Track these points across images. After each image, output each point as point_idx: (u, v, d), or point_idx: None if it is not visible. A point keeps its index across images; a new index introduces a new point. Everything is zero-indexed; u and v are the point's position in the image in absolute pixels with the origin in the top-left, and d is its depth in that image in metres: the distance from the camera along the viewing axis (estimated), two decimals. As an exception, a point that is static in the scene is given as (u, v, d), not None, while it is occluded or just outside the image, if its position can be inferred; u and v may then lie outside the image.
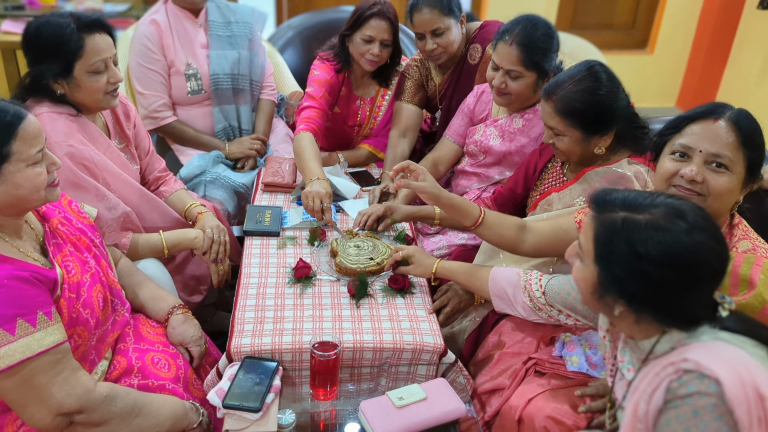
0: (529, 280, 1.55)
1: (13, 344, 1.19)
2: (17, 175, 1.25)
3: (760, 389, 0.96)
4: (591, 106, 1.60)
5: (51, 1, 3.47)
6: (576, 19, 4.41)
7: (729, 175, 1.31)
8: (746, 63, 4.21)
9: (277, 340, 1.53)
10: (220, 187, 2.28)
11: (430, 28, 2.17)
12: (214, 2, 2.44)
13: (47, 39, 1.61)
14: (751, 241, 1.36)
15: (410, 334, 1.58)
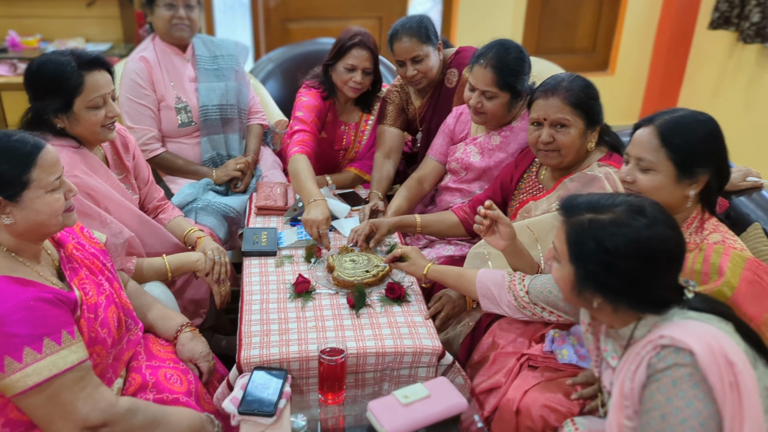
0: (513, 281, 1.66)
1: (41, 362, 1.26)
2: (36, 201, 1.32)
3: (729, 356, 1.08)
4: (591, 99, 1.78)
5: (33, 42, 3.54)
6: (540, 44, 4.63)
7: (654, 174, 1.47)
8: (701, 80, 4.45)
9: (284, 350, 1.61)
10: (210, 214, 2.36)
11: (410, 56, 2.30)
12: (199, 38, 2.55)
13: (49, 76, 1.70)
14: (720, 234, 1.50)
15: (410, 339, 1.67)
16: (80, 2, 3.69)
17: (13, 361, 1.24)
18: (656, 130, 1.47)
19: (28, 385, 1.25)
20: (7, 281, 1.29)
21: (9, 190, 1.30)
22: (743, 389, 1.07)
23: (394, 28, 2.34)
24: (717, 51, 4.26)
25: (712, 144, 1.47)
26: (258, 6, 4.13)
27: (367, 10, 4.32)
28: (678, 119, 1.48)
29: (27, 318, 1.25)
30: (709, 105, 4.36)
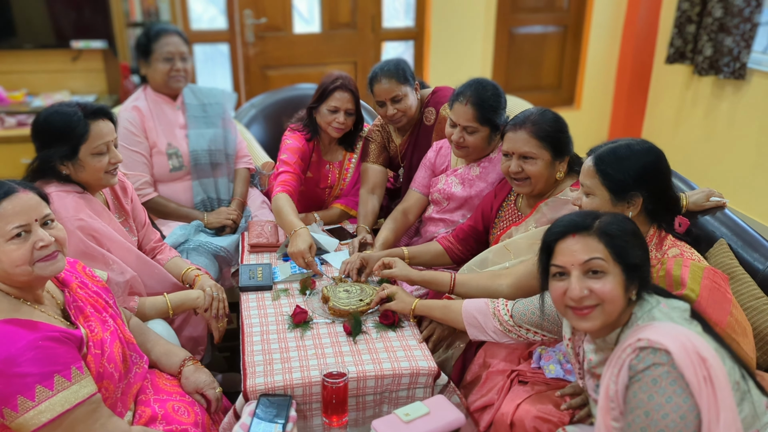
0: (497, 307, 1.77)
1: (53, 398, 1.31)
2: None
3: (701, 353, 1.20)
4: (557, 131, 1.93)
5: (19, 97, 3.63)
6: (509, 82, 4.85)
7: (593, 197, 1.65)
8: (662, 111, 4.70)
9: (288, 377, 1.68)
10: (202, 254, 2.43)
11: (389, 96, 2.45)
12: (188, 87, 2.67)
13: (57, 125, 1.80)
14: (678, 248, 1.63)
15: (406, 361, 1.76)
16: (65, 56, 3.80)
17: (26, 399, 1.29)
18: (594, 159, 1.64)
19: (42, 422, 1.30)
20: (14, 324, 1.35)
21: None
22: (716, 382, 1.18)
23: (374, 72, 2.48)
24: (675, 83, 4.51)
25: (643, 171, 1.60)
26: (237, 55, 4.28)
27: (343, 55, 4.50)
28: (613, 149, 1.63)
29: (36, 357, 1.31)
30: (671, 134, 4.59)
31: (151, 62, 2.53)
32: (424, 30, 4.62)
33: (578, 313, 1.34)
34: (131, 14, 3.69)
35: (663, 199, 1.65)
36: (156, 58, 2.52)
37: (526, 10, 4.75)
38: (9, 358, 1.28)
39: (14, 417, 1.30)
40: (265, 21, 4.25)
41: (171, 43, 2.52)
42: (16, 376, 1.28)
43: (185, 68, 2.56)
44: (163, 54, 2.51)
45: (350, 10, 4.42)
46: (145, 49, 2.53)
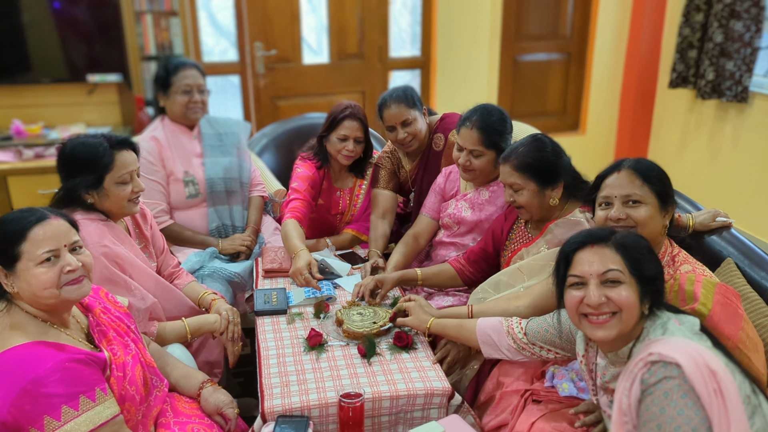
0: (511, 325, 1.81)
1: (78, 419, 1.35)
2: (26, 273, 1.41)
3: (711, 366, 1.23)
4: (540, 161, 1.97)
5: (36, 129, 3.72)
6: (514, 108, 4.93)
7: (644, 206, 1.67)
8: (666, 135, 4.75)
9: (305, 398, 1.71)
10: (216, 280, 2.47)
11: (399, 120, 2.51)
12: (205, 118, 2.75)
13: (83, 156, 1.87)
14: (690, 264, 1.67)
15: (420, 381, 1.79)
16: (81, 90, 3.91)
17: (52, 420, 1.33)
18: (632, 171, 1.67)
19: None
20: (42, 346, 1.40)
21: (4, 260, 1.41)
22: (726, 395, 1.21)
23: (383, 98, 2.56)
24: (678, 107, 4.57)
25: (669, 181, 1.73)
26: (248, 86, 4.38)
27: (351, 85, 4.60)
28: (640, 161, 1.72)
29: (63, 378, 1.35)
30: (677, 157, 4.64)
31: (170, 94, 2.61)
32: (430, 59, 4.72)
33: (594, 322, 1.38)
34: (145, 48, 3.80)
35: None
36: (174, 91, 2.60)
37: (530, 38, 4.84)
38: (37, 378, 1.33)
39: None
40: (275, 53, 4.36)
41: (189, 76, 2.60)
42: (43, 396, 1.32)
43: (202, 100, 2.64)
44: (182, 87, 2.59)
45: (358, 41, 4.52)
46: (164, 82, 2.61)
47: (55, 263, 1.43)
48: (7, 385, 1.32)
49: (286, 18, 4.31)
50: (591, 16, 4.86)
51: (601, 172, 1.79)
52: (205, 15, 4.26)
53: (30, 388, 1.32)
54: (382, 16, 4.50)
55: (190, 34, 3.87)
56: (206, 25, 4.30)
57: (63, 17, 3.72)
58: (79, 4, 3.72)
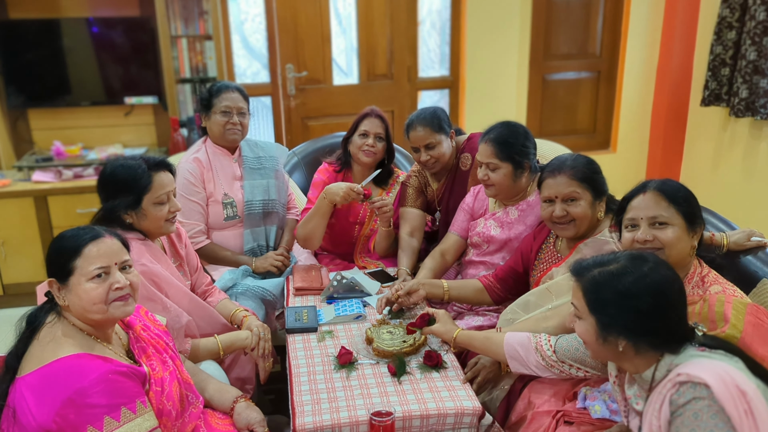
0: (540, 342, 1.80)
1: (119, 429, 1.39)
2: (78, 288, 1.47)
3: (740, 386, 1.22)
4: (595, 173, 2.00)
5: (76, 150, 3.83)
6: (543, 127, 4.92)
7: (671, 227, 1.66)
8: (699, 154, 4.68)
9: (336, 416, 1.73)
10: (250, 298, 2.51)
11: (423, 143, 2.55)
12: (245, 141, 2.81)
13: (123, 177, 1.93)
14: (720, 285, 1.65)
15: (451, 401, 1.79)
16: (118, 112, 4.02)
17: (95, 430, 1.37)
18: (658, 192, 1.67)
19: None
20: (88, 357, 1.44)
21: (59, 273, 1.48)
22: (757, 415, 1.19)
23: (410, 119, 2.61)
24: (712, 125, 4.51)
25: (696, 201, 1.71)
26: (279, 107, 4.46)
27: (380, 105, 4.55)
28: (666, 182, 1.71)
29: (106, 389, 1.40)
30: (710, 176, 4.57)
31: (211, 115, 2.66)
32: (458, 79, 4.75)
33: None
34: (181, 71, 3.90)
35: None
36: (215, 112, 2.65)
37: (558, 57, 4.84)
38: (81, 389, 1.37)
39: None
40: (306, 74, 4.43)
41: (230, 98, 2.65)
42: (87, 406, 1.36)
43: (242, 122, 2.67)
44: (222, 108, 2.64)
45: (387, 62, 4.58)
46: (206, 103, 2.67)
47: (105, 280, 1.49)
48: (54, 394, 1.36)
49: (317, 40, 4.39)
50: (621, 34, 4.85)
51: (627, 193, 1.78)
52: (238, 38, 4.36)
53: (75, 397, 1.36)
54: (411, 37, 4.55)
55: (224, 57, 3.96)
56: (239, 48, 4.39)
57: (101, 42, 3.85)
58: (116, 28, 3.84)
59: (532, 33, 4.66)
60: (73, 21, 3.82)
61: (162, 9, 3.71)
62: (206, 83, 3.95)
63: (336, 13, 4.45)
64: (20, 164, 3.76)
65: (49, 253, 1.52)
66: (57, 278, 1.49)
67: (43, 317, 1.50)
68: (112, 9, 3.88)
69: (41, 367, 1.41)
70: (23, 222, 3.63)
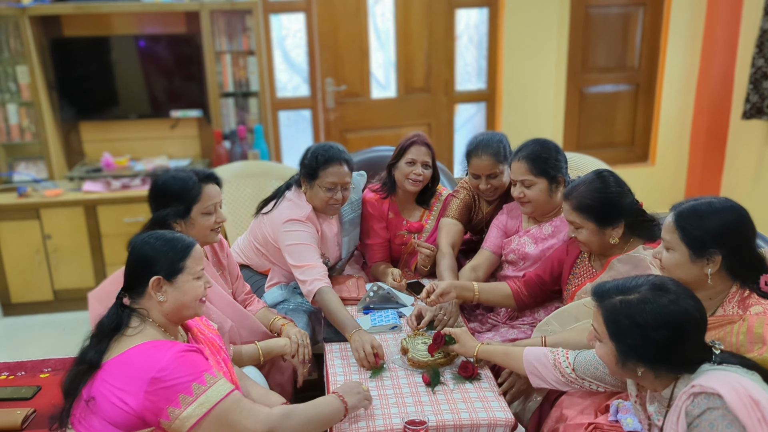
0: (558, 358, 1.82)
1: (201, 397, 1.50)
2: (186, 285, 1.63)
3: (753, 396, 1.24)
4: (600, 202, 1.99)
5: (124, 162, 3.99)
6: (581, 140, 4.91)
7: (672, 252, 1.67)
8: (740, 168, 4.62)
9: (371, 424, 1.78)
10: (300, 314, 2.53)
11: (486, 172, 2.53)
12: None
13: (175, 187, 2.05)
14: (762, 306, 1.64)
15: (484, 412, 1.82)
16: (164, 124, 4.17)
17: (186, 396, 1.50)
18: (675, 215, 1.68)
19: (191, 423, 1.49)
20: (159, 342, 1.57)
21: (169, 272, 1.61)
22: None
23: (475, 144, 2.55)
24: (753, 139, 4.45)
25: (723, 229, 1.63)
26: (319, 120, 4.56)
27: (417, 118, 4.71)
28: (695, 206, 1.67)
29: (182, 365, 1.51)
30: (751, 190, 4.50)
31: (314, 186, 2.50)
32: (495, 92, 4.78)
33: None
34: (224, 85, 4.03)
35: (745, 258, 1.66)
36: (319, 184, 2.48)
37: (596, 70, 4.84)
38: (162, 368, 1.49)
39: (169, 424, 1.50)
40: (345, 88, 4.52)
41: (337, 174, 2.47)
42: (170, 381, 1.49)
43: (344, 196, 2.55)
44: (327, 183, 2.47)
45: (424, 75, 4.64)
46: (311, 172, 2.49)
47: (201, 280, 1.68)
48: (139, 376, 1.49)
49: (356, 55, 4.48)
50: (660, 46, 4.82)
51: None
52: (279, 53, 4.49)
53: (158, 376, 1.48)
54: (449, 50, 4.61)
55: (266, 72, 4.08)
56: (280, 63, 4.52)
57: (148, 57, 4.01)
58: (163, 45, 4.00)
59: (570, 46, 4.67)
60: (123, 38, 3.99)
61: (207, 26, 3.85)
62: (249, 97, 4.07)
63: (375, 28, 4.54)
64: (72, 175, 3.93)
65: (155, 254, 1.63)
66: (165, 276, 1.61)
67: (126, 320, 1.61)
68: (159, 26, 4.04)
69: (118, 355, 1.53)
70: (73, 230, 3.79)
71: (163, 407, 1.48)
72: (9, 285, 3.81)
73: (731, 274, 1.66)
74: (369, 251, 2.78)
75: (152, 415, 1.49)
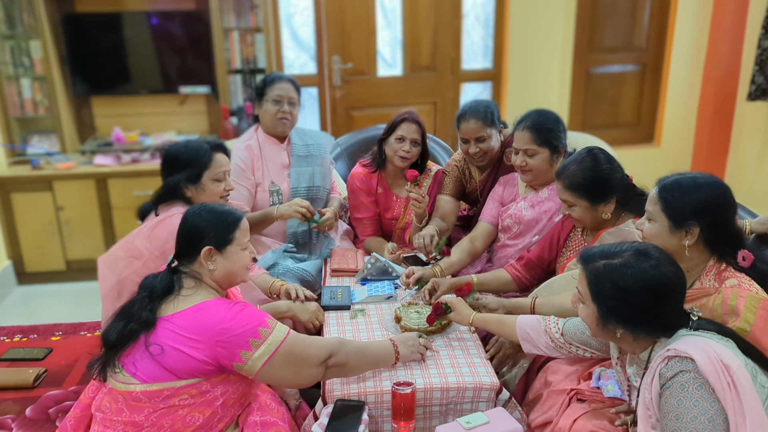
0: (549, 325, 1.90)
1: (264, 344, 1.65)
2: (235, 255, 1.76)
3: (724, 360, 1.31)
4: (591, 180, 2.05)
5: (134, 137, 4.08)
6: (586, 120, 4.93)
7: (653, 223, 1.73)
8: (745, 150, 4.63)
9: (362, 385, 1.87)
10: (289, 278, 2.65)
11: (474, 136, 2.63)
12: (295, 130, 2.95)
13: (187, 154, 2.19)
14: (737, 279, 1.70)
15: (470, 376, 1.91)
16: (174, 100, 4.26)
17: (245, 351, 1.64)
18: (659, 187, 1.74)
19: (263, 362, 1.65)
20: (221, 299, 1.72)
21: (220, 242, 1.73)
22: (740, 388, 1.28)
23: (463, 110, 2.69)
24: (758, 121, 4.46)
25: (704, 203, 1.68)
26: (325, 97, 4.62)
27: (423, 96, 4.75)
28: (678, 180, 1.73)
29: (245, 317, 1.66)
30: (756, 172, 4.52)
31: (263, 103, 2.78)
32: (501, 71, 4.81)
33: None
34: (232, 62, 4.10)
35: (723, 232, 1.72)
36: (267, 100, 2.76)
37: (603, 51, 4.84)
38: (225, 319, 1.64)
39: (241, 366, 1.64)
40: (351, 66, 4.58)
41: (282, 88, 2.76)
42: (235, 331, 1.63)
43: (291, 112, 2.79)
44: (274, 96, 2.75)
45: (430, 54, 4.68)
46: (260, 92, 2.80)
47: (247, 250, 1.80)
48: (208, 327, 1.63)
49: (363, 33, 4.52)
50: (668, 27, 4.81)
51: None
52: (287, 31, 4.54)
53: (228, 326, 1.63)
54: (455, 29, 4.64)
55: (273, 49, 4.14)
56: (288, 40, 4.57)
57: (159, 34, 4.08)
58: (173, 21, 4.06)
59: (577, 26, 4.67)
60: (134, 14, 4.06)
61: (216, 3, 3.91)
62: (256, 74, 4.14)
63: (382, 6, 4.57)
64: (83, 148, 4.03)
65: (207, 226, 1.74)
66: (216, 246, 1.73)
67: (179, 281, 1.73)
68: (170, 2, 4.11)
69: (186, 309, 1.66)
70: (85, 202, 3.89)
71: (236, 351, 1.62)
72: (23, 254, 3.94)
73: (709, 248, 1.72)
74: (359, 226, 2.88)
75: (226, 360, 1.63)
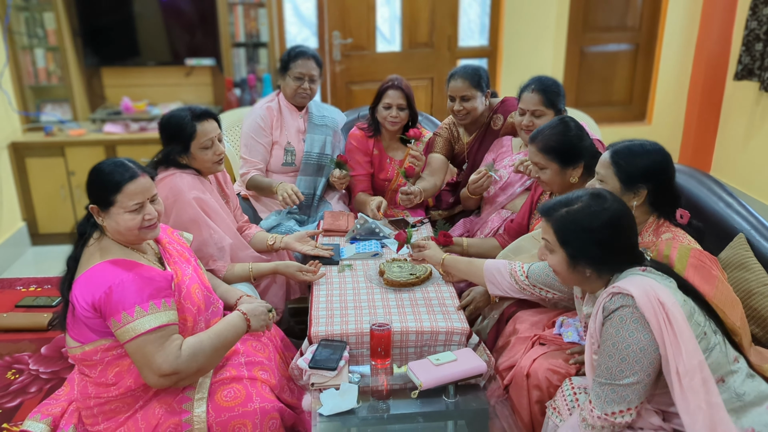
0: (514, 268, 2.08)
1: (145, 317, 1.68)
2: (117, 217, 1.75)
3: (660, 298, 1.48)
4: (562, 144, 2.21)
5: (142, 106, 4.26)
6: (579, 98, 5.08)
7: (605, 185, 1.89)
8: (733, 127, 4.77)
9: (345, 327, 2.07)
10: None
11: (459, 94, 2.83)
12: (313, 101, 3.17)
13: (173, 127, 2.28)
14: (672, 233, 1.89)
15: (443, 321, 2.10)
16: (180, 72, 4.43)
17: (127, 315, 1.67)
18: (611, 152, 1.91)
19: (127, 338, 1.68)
20: (124, 261, 1.76)
21: (101, 203, 1.76)
22: (674, 323, 1.46)
23: (454, 70, 2.89)
24: (745, 100, 4.59)
25: (651, 168, 1.87)
26: (326, 71, 4.78)
27: (421, 71, 4.90)
28: (629, 146, 1.91)
29: (137, 286, 1.69)
30: (742, 150, 4.66)
31: (286, 77, 3.00)
32: (497, 48, 4.95)
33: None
34: (236, 36, 4.26)
35: (665, 194, 1.91)
36: (290, 75, 2.98)
37: (597, 29, 4.97)
38: (118, 284, 1.68)
39: (117, 327, 1.68)
40: (351, 41, 4.73)
41: (305, 66, 2.97)
42: (121, 296, 1.67)
43: (311, 88, 3.02)
44: (296, 73, 2.97)
45: (428, 31, 4.82)
46: (284, 65, 3.00)
47: (139, 212, 1.77)
48: (97, 285, 1.68)
49: (363, 9, 4.67)
50: (661, 7, 4.93)
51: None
52: (290, 6, 4.69)
53: (113, 288, 1.67)
54: (453, 7, 4.77)
55: (276, 24, 4.30)
56: (290, 15, 4.72)
57: (168, 7, 4.23)
58: (181, -5, 4.23)
59: (572, 5, 4.80)
60: (143, -13, 4.23)
61: (221, -23, 4.06)
62: (259, 48, 4.30)
63: (382, -17, 4.71)
64: (94, 117, 4.22)
65: (91, 185, 1.77)
66: (99, 206, 1.76)
67: (90, 230, 1.79)
68: (177, -22, 4.26)
69: (89, 269, 1.73)
70: (95, 168, 4.08)
71: (108, 318, 1.68)
72: (37, 217, 4.15)
73: (652, 207, 1.92)
74: (352, 183, 3.05)
75: (100, 313, 1.68)
